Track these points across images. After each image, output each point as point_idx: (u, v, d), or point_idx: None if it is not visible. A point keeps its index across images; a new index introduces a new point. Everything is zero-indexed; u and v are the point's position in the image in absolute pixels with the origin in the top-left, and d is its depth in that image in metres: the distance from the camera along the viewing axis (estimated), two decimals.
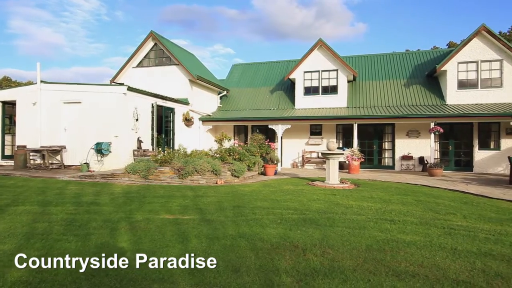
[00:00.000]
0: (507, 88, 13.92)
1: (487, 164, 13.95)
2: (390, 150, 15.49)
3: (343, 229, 4.87)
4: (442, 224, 5.19)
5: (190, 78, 15.40)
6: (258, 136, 14.21)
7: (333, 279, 3.18)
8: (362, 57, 19.27)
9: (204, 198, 7.18)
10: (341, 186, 9.40)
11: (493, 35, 13.87)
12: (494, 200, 7.46)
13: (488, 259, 3.70)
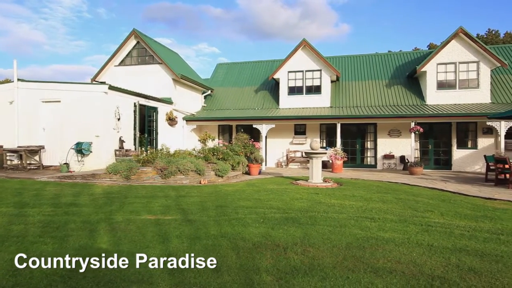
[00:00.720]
0: (484, 88, 14.41)
1: (465, 163, 14.40)
2: (373, 149, 15.77)
3: (324, 228, 4.93)
4: (420, 221, 5.32)
5: (174, 77, 15.24)
6: (242, 136, 14.19)
7: (313, 276, 3.21)
8: (345, 57, 19.55)
9: (187, 198, 7.12)
10: (324, 185, 9.51)
11: (470, 37, 14.33)
12: (470, 197, 7.71)
13: (462, 255, 3.82)
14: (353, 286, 3.03)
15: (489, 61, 14.25)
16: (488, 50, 14.22)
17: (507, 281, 3.11)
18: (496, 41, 32.40)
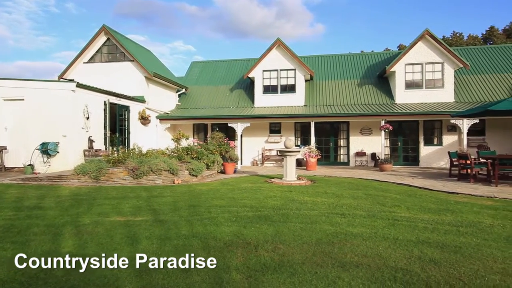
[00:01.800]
0: (448, 88, 15.13)
1: (431, 159, 15.07)
2: (345, 147, 16.17)
3: (296, 225, 5.00)
4: (387, 216, 5.52)
5: (146, 75, 14.90)
6: (217, 135, 14.12)
7: (282, 273, 3.25)
8: (319, 57, 19.89)
9: (159, 199, 7.00)
10: (298, 182, 9.64)
11: (435, 39, 14.99)
12: (435, 192, 8.08)
13: (424, 247, 4.00)
14: (321, 280, 3.09)
15: (452, 62, 14.97)
16: (452, 52, 14.94)
17: (463, 270, 3.29)
18: (460, 43, 34.09)
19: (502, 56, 17.28)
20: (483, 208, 6.11)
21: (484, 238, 4.31)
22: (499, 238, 4.29)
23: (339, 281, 3.07)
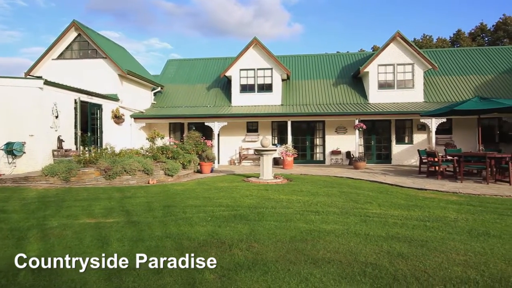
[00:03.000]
0: (418, 89, 15.73)
1: (402, 157, 15.61)
2: (321, 146, 16.45)
3: (271, 223, 5.04)
4: (359, 213, 5.67)
5: (120, 72, 14.49)
6: (194, 134, 13.97)
7: (255, 271, 3.27)
8: (296, 57, 20.11)
9: (132, 199, 6.84)
10: (274, 181, 9.71)
11: (406, 41, 15.54)
12: (405, 188, 8.38)
13: (393, 242, 4.14)
14: (293, 277, 3.13)
15: (422, 63, 15.57)
16: (421, 54, 15.54)
17: (428, 263, 3.44)
18: (430, 45, 35.49)
19: (467, 58, 18.15)
20: (449, 203, 6.40)
21: (449, 232, 4.52)
22: (462, 232, 4.51)
23: (311, 278, 3.12)
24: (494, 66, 17.32)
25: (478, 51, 18.80)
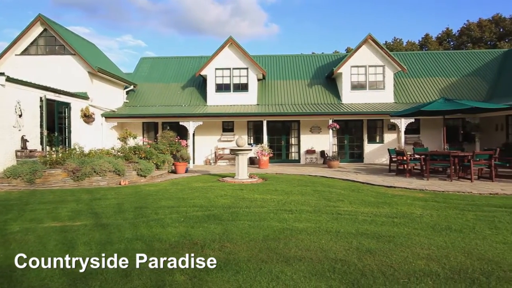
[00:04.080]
0: (388, 90, 16.28)
1: (374, 156, 16.11)
2: (296, 145, 16.66)
3: (244, 223, 5.04)
4: (331, 211, 5.79)
5: (90, 70, 13.97)
6: (168, 134, 13.73)
7: (227, 271, 3.26)
8: (272, 57, 20.24)
9: (102, 201, 6.63)
10: (249, 181, 9.73)
11: (377, 44, 16.04)
12: (376, 186, 8.66)
13: (362, 238, 4.26)
14: (264, 276, 3.15)
15: (392, 65, 16.13)
16: (392, 56, 16.10)
17: (395, 258, 3.57)
18: (400, 48, 36.80)
19: (434, 61, 19.00)
20: (415, 200, 6.68)
21: (414, 227, 4.71)
22: (426, 227, 4.71)
23: (282, 276, 3.15)
24: (458, 69, 18.24)
25: (444, 55, 19.73)
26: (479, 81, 17.24)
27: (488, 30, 34.04)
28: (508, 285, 2.92)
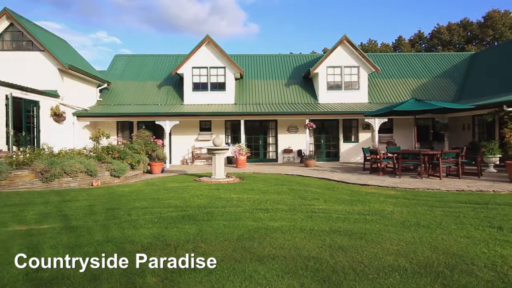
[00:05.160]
0: (363, 90, 16.70)
1: (349, 154, 16.48)
2: (274, 145, 16.76)
3: (219, 222, 5.01)
4: (306, 209, 5.86)
5: (60, 67, 13.44)
6: (144, 133, 13.44)
7: (200, 272, 3.23)
8: (250, 56, 20.24)
9: (72, 203, 6.39)
10: (226, 180, 9.69)
11: (352, 45, 16.40)
12: (350, 184, 8.85)
13: (335, 236, 4.34)
14: (238, 276, 3.14)
15: (367, 66, 16.56)
16: (366, 57, 16.52)
17: (365, 254, 3.66)
18: (374, 49, 37.84)
19: (407, 63, 19.66)
20: (387, 197, 6.88)
21: (385, 224, 4.85)
22: (397, 223, 4.87)
23: (255, 275, 3.15)
24: (429, 70, 18.97)
25: (416, 57, 20.46)
26: (448, 82, 18.00)
27: (457, 33, 35.64)
28: (469, 277, 3.06)
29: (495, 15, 33.49)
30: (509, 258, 3.50)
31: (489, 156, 10.80)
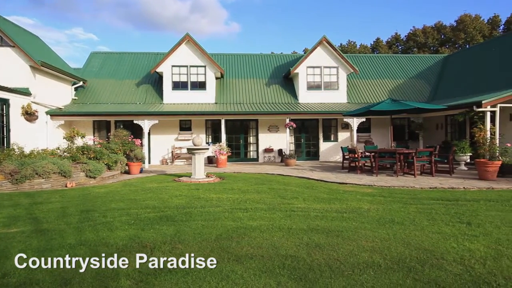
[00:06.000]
0: (342, 90, 16.99)
1: (329, 153, 16.73)
2: (255, 144, 16.78)
3: (198, 223, 4.97)
4: (285, 208, 5.90)
5: (32, 64, 12.90)
6: (122, 133, 13.13)
7: (176, 273, 3.19)
8: (230, 55, 20.16)
9: (44, 205, 6.17)
10: (206, 180, 9.62)
11: (331, 46, 16.65)
12: (329, 183, 8.99)
13: (313, 234, 4.39)
14: (215, 276, 3.12)
15: (345, 67, 16.85)
16: (345, 58, 16.82)
17: (341, 251, 3.73)
18: (353, 50, 38.57)
19: (384, 64, 20.16)
20: (364, 195, 7.04)
21: (361, 221, 4.96)
22: (372, 221, 4.98)
23: (232, 275, 3.14)
24: (405, 72, 19.53)
25: (392, 58, 21.01)
26: (423, 83, 18.60)
27: (431, 36, 36.88)
28: (439, 271, 3.17)
29: (467, 19, 34.90)
30: (476, 252, 3.66)
31: (460, 154, 11.24)
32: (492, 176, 8.88)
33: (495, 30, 35.12)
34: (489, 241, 4.02)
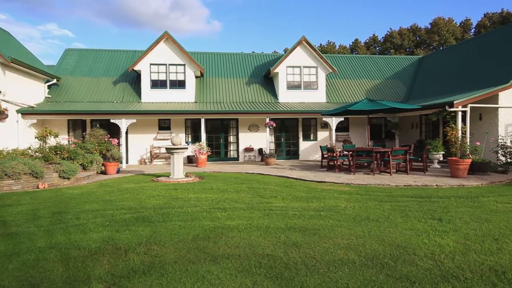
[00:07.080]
0: (321, 90, 17.21)
1: (308, 152, 16.92)
2: (235, 143, 16.74)
3: (175, 223, 4.90)
4: (264, 207, 5.92)
5: (2, 60, 12.29)
6: (98, 132, 12.77)
7: (151, 275, 3.12)
8: (211, 54, 19.99)
9: (13, 208, 5.91)
10: (185, 180, 9.51)
11: (310, 46, 16.83)
12: (308, 182, 9.08)
13: (290, 232, 4.42)
14: (190, 277, 3.09)
15: (324, 67, 17.08)
16: (324, 58, 17.04)
17: (318, 249, 3.77)
18: (333, 51, 39.17)
19: (362, 64, 20.58)
20: (342, 193, 7.16)
21: (338, 219, 5.04)
22: (349, 218, 5.07)
23: (208, 275, 3.11)
24: (382, 72, 20.01)
25: (370, 59, 21.48)
26: (399, 83, 19.12)
27: (407, 38, 37.99)
28: (411, 267, 3.26)
29: (441, 22, 36.19)
30: (446, 247, 3.79)
31: (434, 153, 11.65)
32: (463, 173, 9.25)
33: (467, 33, 36.62)
34: (458, 236, 4.18)
